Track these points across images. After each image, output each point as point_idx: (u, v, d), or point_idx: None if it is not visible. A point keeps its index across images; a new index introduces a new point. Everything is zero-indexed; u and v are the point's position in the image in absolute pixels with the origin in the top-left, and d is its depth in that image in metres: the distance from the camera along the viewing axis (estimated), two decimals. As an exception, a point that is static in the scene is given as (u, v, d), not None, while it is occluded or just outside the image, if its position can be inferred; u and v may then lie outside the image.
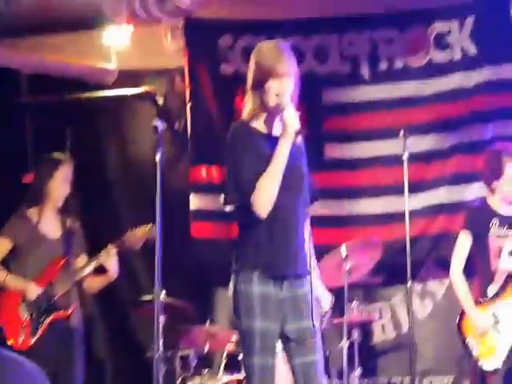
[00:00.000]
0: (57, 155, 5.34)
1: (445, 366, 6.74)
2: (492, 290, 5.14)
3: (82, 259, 5.22)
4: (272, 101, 3.71)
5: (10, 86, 6.82)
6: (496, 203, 5.28)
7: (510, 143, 5.50)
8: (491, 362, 5.00)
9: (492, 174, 5.26)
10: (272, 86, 3.70)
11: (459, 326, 5.17)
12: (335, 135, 7.13)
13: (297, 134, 3.69)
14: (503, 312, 5.06)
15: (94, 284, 5.25)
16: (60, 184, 5.18)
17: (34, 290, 4.96)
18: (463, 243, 5.29)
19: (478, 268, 5.31)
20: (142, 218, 5.15)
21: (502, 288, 5.11)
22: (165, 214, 4.44)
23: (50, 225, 5.20)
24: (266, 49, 3.82)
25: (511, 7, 6.60)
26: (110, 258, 5.03)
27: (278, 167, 3.63)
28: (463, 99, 6.79)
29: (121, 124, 7.28)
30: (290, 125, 3.67)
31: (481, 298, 5.19)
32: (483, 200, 5.37)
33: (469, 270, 5.33)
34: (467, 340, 5.10)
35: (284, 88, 3.71)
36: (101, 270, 5.18)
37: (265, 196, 3.60)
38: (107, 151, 7.24)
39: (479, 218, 5.26)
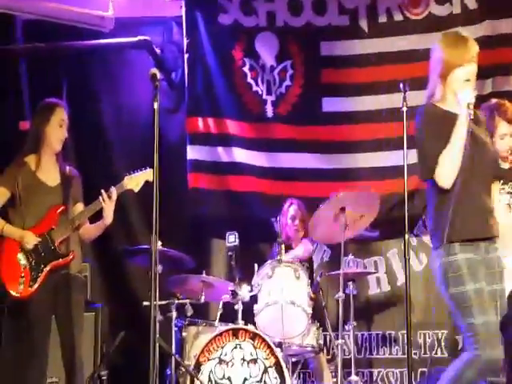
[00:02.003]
0: (52, 100, 5.27)
1: (438, 320, 6.80)
2: None
3: (79, 207, 5.17)
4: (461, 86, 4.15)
5: (6, 32, 6.74)
6: None
7: (503, 100, 5.46)
8: None
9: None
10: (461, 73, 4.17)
11: None
12: (333, 88, 7.10)
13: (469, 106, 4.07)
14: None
15: (90, 231, 5.16)
16: (56, 128, 5.07)
17: (32, 239, 4.89)
18: None
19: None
20: (140, 168, 5.12)
21: (500, 241, 5.10)
22: (162, 165, 4.44)
23: (49, 172, 5.10)
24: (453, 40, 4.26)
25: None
26: (109, 202, 4.95)
27: (459, 141, 4.03)
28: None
29: (117, 73, 7.22)
30: (464, 101, 4.08)
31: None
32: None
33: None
34: None
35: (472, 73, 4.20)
36: (95, 219, 5.14)
37: (448, 168, 4.05)
38: (103, 100, 7.19)
39: None
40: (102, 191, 4.97)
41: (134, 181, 5.02)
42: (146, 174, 4.98)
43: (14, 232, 4.95)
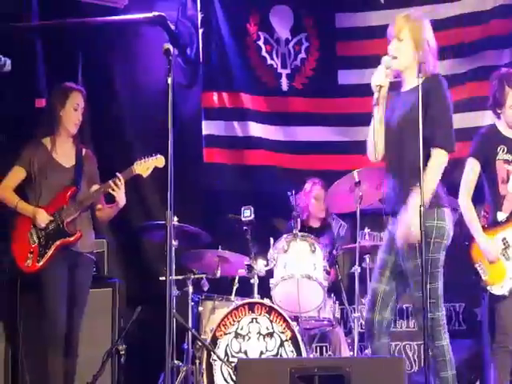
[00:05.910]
0: (68, 84, 5.37)
1: (456, 294, 6.77)
2: (501, 215, 5.11)
3: (95, 188, 5.27)
4: None
5: (22, 9, 6.73)
6: (503, 128, 5.22)
7: None
8: (500, 287, 5.00)
9: (496, 101, 5.19)
10: None
11: (469, 251, 5.16)
12: (348, 61, 7.06)
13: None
14: (513, 237, 5.06)
15: (105, 214, 5.35)
16: (71, 112, 5.23)
17: (43, 217, 5.06)
18: (471, 169, 5.23)
19: (487, 194, 5.27)
20: (154, 145, 5.15)
21: (512, 213, 5.09)
22: (178, 140, 4.44)
23: (64, 153, 5.26)
24: None
25: None
26: (117, 187, 5.10)
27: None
28: (480, 23, 6.70)
29: (133, 49, 7.20)
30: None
31: (491, 223, 5.17)
32: (492, 125, 5.29)
33: (479, 197, 5.30)
34: (477, 265, 5.10)
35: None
36: (111, 200, 5.24)
37: None
38: (119, 76, 7.16)
39: (487, 143, 5.20)
40: (110, 181, 5.11)
41: (144, 166, 5.17)
42: (156, 161, 5.14)
43: (28, 209, 5.13)
